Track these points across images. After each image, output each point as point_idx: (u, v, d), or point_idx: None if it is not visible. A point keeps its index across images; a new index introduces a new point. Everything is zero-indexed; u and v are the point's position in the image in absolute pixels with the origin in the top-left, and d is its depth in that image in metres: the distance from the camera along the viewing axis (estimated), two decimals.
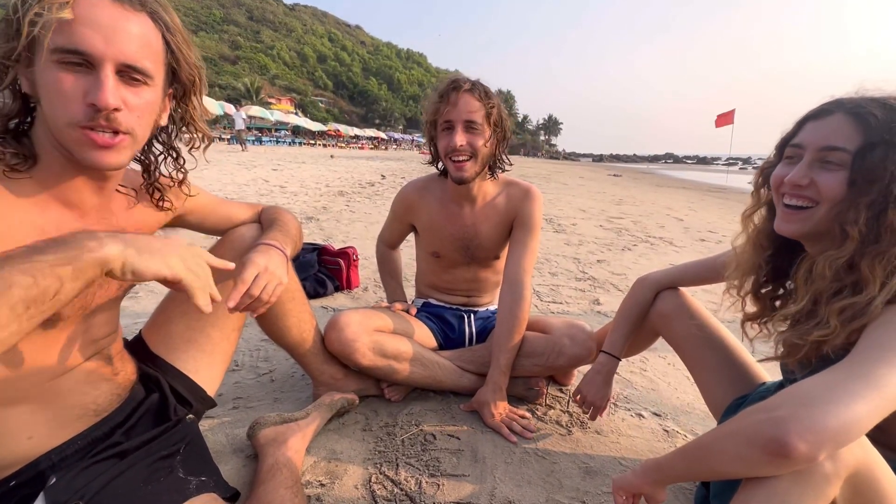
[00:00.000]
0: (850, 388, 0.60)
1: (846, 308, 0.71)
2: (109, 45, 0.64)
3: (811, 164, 0.75)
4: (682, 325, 1.15)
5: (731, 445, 0.65)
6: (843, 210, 0.72)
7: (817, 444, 0.57)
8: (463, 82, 1.29)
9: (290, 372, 1.55)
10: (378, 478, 1.08)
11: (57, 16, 0.60)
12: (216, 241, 1.09)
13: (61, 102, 0.63)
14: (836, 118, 0.74)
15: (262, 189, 6.54)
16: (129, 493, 0.74)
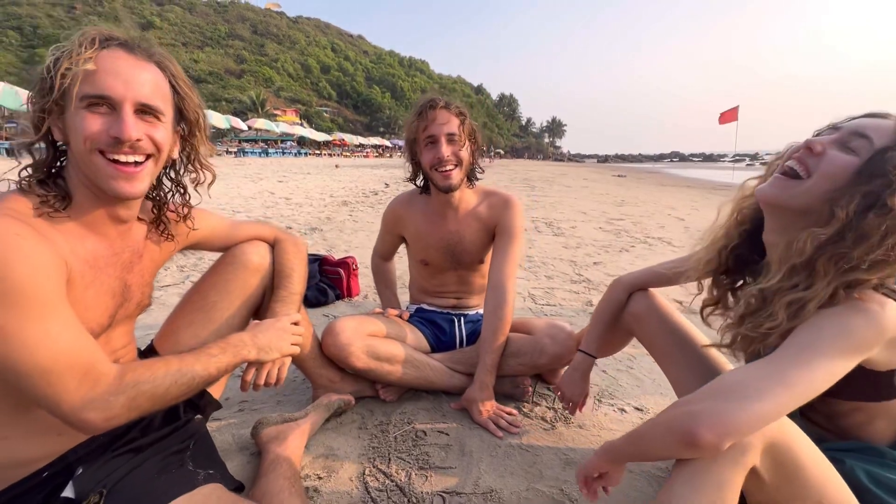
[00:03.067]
0: (761, 386, 0.68)
1: (793, 302, 0.76)
2: (128, 89, 0.77)
3: (835, 142, 0.77)
4: (652, 325, 1.22)
5: (657, 433, 0.74)
6: (840, 193, 0.75)
7: (722, 436, 0.66)
8: (438, 101, 1.41)
9: (291, 377, 1.65)
10: (371, 471, 1.18)
11: (83, 67, 0.73)
12: (220, 257, 1.19)
13: (89, 137, 0.75)
14: (886, 121, 0.77)
15: (268, 201, 6.70)
16: (145, 482, 0.84)
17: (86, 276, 0.80)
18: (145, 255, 0.95)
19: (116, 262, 0.87)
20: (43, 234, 0.73)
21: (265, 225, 1.26)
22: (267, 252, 1.20)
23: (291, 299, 1.14)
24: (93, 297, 0.82)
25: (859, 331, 0.70)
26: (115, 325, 0.91)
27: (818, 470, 0.73)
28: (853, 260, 0.71)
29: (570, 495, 1.11)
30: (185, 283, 2.71)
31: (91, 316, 0.82)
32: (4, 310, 0.65)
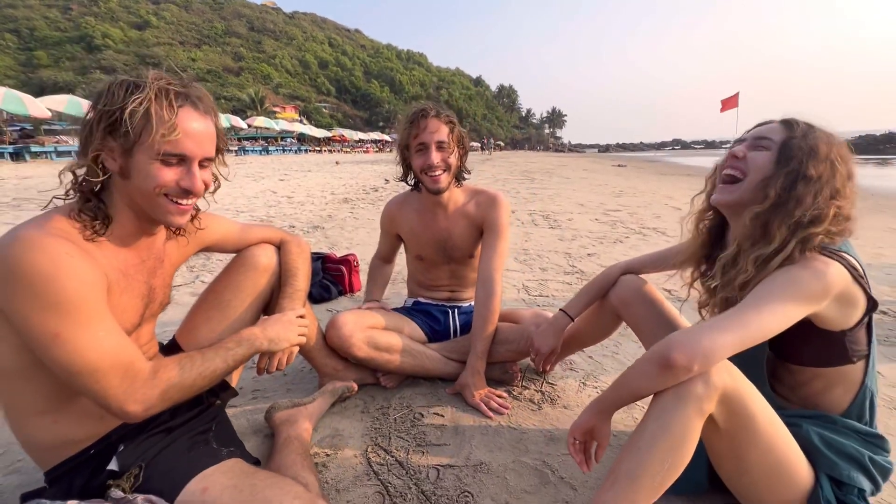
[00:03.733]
0: (722, 324, 0.82)
1: (758, 256, 0.92)
2: (198, 148, 0.90)
3: (748, 147, 0.99)
4: (638, 308, 1.34)
5: (639, 367, 0.87)
6: (769, 179, 0.94)
7: (691, 358, 0.79)
8: (429, 110, 1.52)
9: (299, 367, 1.79)
10: (373, 448, 1.31)
11: (172, 137, 0.85)
12: (232, 259, 1.31)
13: (161, 186, 0.87)
14: (773, 124, 0.99)
15: (271, 200, 6.82)
16: (176, 457, 0.97)
17: (120, 283, 0.92)
18: (166, 260, 1.07)
19: (143, 268, 0.99)
20: (86, 251, 0.85)
21: (271, 228, 1.38)
22: (274, 254, 1.32)
23: (297, 295, 1.26)
24: (127, 301, 0.95)
25: (805, 282, 0.84)
26: (143, 324, 1.04)
27: (767, 421, 0.86)
28: (796, 217, 0.89)
29: (552, 466, 1.24)
30: (196, 282, 2.84)
31: (126, 318, 0.95)
32: (60, 318, 0.77)
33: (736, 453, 0.88)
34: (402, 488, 1.15)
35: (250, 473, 0.96)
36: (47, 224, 0.83)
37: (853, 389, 0.94)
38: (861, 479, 0.90)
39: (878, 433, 0.95)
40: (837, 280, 0.84)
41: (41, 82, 58.80)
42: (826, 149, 0.91)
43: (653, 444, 0.83)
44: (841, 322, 0.89)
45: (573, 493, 1.15)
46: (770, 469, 0.88)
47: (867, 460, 0.90)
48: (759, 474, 0.89)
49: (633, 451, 0.85)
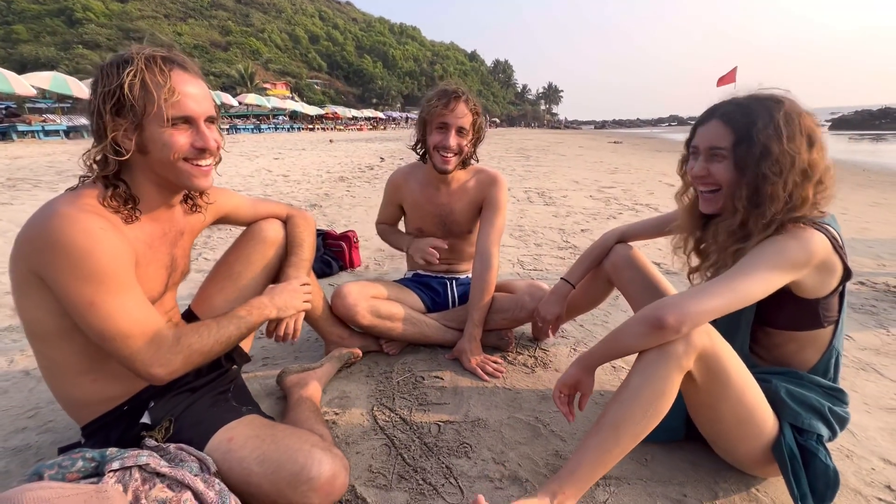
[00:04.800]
0: (711, 289, 0.90)
1: (738, 251, 0.99)
2: (200, 106, 0.95)
3: (706, 160, 1.03)
4: (628, 273, 1.43)
5: (631, 327, 0.95)
6: (734, 189, 0.99)
7: (681, 320, 0.87)
8: (462, 92, 1.59)
9: (305, 336, 1.88)
10: (379, 408, 1.41)
11: (173, 100, 0.90)
12: (241, 233, 1.38)
13: (178, 150, 0.92)
14: (713, 124, 1.01)
15: (266, 179, 6.82)
16: (202, 412, 1.07)
17: (146, 255, 0.99)
18: (186, 232, 1.14)
19: (165, 240, 1.06)
20: (117, 226, 0.91)
21: (279, 203, 1.45)
22: (281, 228, 1.39)
23: (302, 265, 1.33)
24: (153, 271, 1.02)
25: (790, 251, 0.90)
26: (167, 292, 1.12)
27: (738, 376, 0.96)
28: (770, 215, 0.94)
29: (544, 421, 1.35)
30: (199, 259, 2.91)
31: (153, 286, 1.03)
32: (95, 288, 0.84)
33: (710, 405, 0.98)
34: (407, 441, 1.26)
35: (270, 425, 1.06)
36: (79, 201, 0.89)
37: (821, 350, 1.03)
38: (820, 426, 1.00)
39: (839, 387, 1.05)
40: (820, 249, 0.90)
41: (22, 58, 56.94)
42: (779, 142, 0.91)
43: (636, 395, 0.92)
44: (817, 290, 0.96)
45: (562, 444, 1.26)
46: (739, 419, 0.98)
47: (827, 410, 1.00)
48: (729, 424, 1.00)
49: (617, 403, 0.94)
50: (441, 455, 1.20)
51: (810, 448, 0.98)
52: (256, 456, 0.95)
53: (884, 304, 2.28)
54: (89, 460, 0.89)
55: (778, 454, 0.98)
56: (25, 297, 0.89)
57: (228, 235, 3.46)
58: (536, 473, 1.15)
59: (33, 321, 0.92)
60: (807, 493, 0.96)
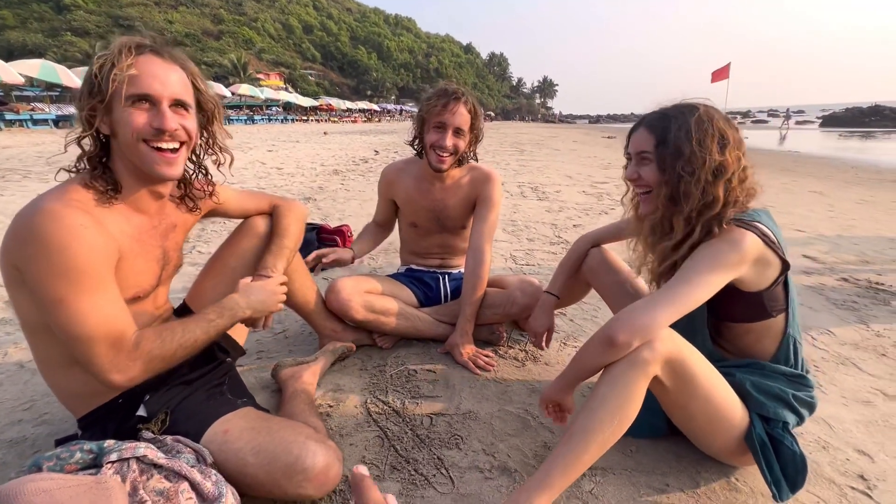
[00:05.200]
0: (657, 300, 0.95)
1: (661, 249, 1.06)
2: (164, 88, 0.94)
3: (637, 164, 1.10)
4: (605, 277, 1.48)
5: (589, 346, 1.00)
6: (659, 188, 1.05)
7: (630, 334, 0.92)
8: (461, 94, 1.60)
9: (300, 330, 1.90)
10: (372, 400, 1.44)
11: (128, 73, 0.90)
12: (235, 228, 1.39)
13: (135, 130, 0.92)
14: (641, 131, 1.09)
15: (260, 172, 6.78)
16: (197, 405, 1.09)
17: (134, 248, 1.00)
18: (178, 225, 1.15)
19: (155, 233, 1.07)
20: (100, 220, 0.91)
21: (263, 196, 1.43)
22: (270, 221, 1.39)
23: (282, 253, 1.30)
24: (142, 264, 1.03)
25: (724, 253, 0.96)
26: (160, 286, 1.13)
27: (705, 376, 1.00)
28: (687, 212, 1.01)
29: (533, 414, 1.39)
30: (192, 252, 2.91)
31: (144, 279, 1.04)
32: (65, 284, 0.84)
33: (681, 405, 1.03)
34: (400, 433, 1.29)
35: (265, 418, 1.08)
36: (65, 196, 0.90)
37: (778, 338, 1.08)
38: (786, 413, 1.05)
39: (801, 373, 1.10)
40: (752, 248, 0.96)
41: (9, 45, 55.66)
42: (689, 144, 0.99)
43: (603, 403, 0.96)
44: (758, 284, 1.01)
45: (551, 436, 1.30)
46: (710, 416, 1.03)
47: (791, 397, 1.05)
48: (702, 421, 1.05)
49: (585, 411, 0.98)
50: (433, 446, 1.23)
51: (776, 436, 1.03)
52: (252, 447, 0.98)
53: (865, 300, 2.34)
54: (87, 452, 0.90)
55: (750, 444, 1.03)
56: (16, 290, 0.90)
57: (223, 228, 3.45)
58: (525, 464, 1.18)
59: (26, 314, 0.93)
60: (780, 479, 1.01)
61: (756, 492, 1.11)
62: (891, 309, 2.23)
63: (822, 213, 4.46)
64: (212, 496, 0.87)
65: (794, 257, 3.03)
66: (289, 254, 1.34)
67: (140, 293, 1.04)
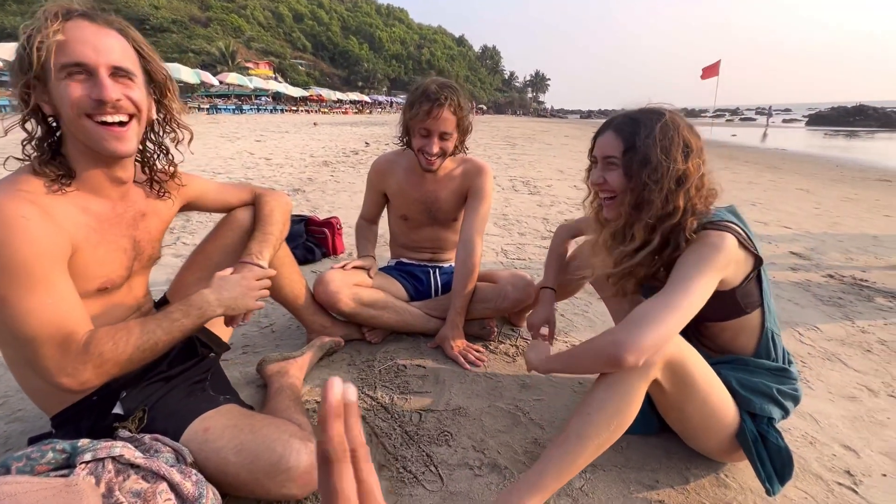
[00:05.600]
0: (659, 315, 0.91)
1: (619, 254, 1.05)
2: (99, 55, 0.85)
3: (603, 168, 1.07)
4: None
5: (588, 357, 0.98)
6: (624, 195, 1.04)
7: (638, 355, 0.89)
8: (444, 98, 1.53)
9: (288, 324, 1.86)
10: (360, 396, 1.41)
11: (54, 39, 0.81)
12: (219, 221, 1.35)
13: (74, 102, 0.83)
14: (608, 135, 1.06)
15: (248, 162, 6.66)
16: (177, 402, 1.05)
17: (91, 238, 0.93)
18: (149, 214, 1.08)
19: (121, 221, 1.00)
20: (49, 211, 0.85)
21: (246, 187, 1.38)
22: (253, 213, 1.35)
23: (266, 239, 1.22)
24: (104, 253, 0.96)
25: (711, 257, 0.95)
26: (134, 276, 1.08)
27: (703, 378, 0.99)
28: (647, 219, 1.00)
29: (524, 410, 1.37)
30: (177, 243, 2.84)
31: (109, 269, 0.97)
32: (6, 281, 0.78)
33: (677, 407, 1.02)
34: (388, 429, 1.27)
35: (248, 415, 1.04)
36: (13, 187, 0.84)
37: (756, 333, 1.08)
38: (772, 408, 1.04)
39: (784, 366, 1.10)
40: (732, 248, 0.96)
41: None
42: (656, 152, 0.97)
43: (601, 408, 0.94)
44: (731, 282, 1.01)
45: (541, 432, 1.28)
46: (705, 417, 1.02)
47: (775, 391, 1.05)
48: (696, 422, 1.04)
49: (583, 415, 0.96)
50: (422, 443, 1.21)
51: (762, 431, 1.03)
52: (234, 446, 0.94)
53: (850, 296, 2.37)
54: (60, 452, 0.86)
55: (743, 441, 1.03)
56: None
57: (208, 219, 3.37)
58: (515, 461, 1.17)
59: None
60: (772, 474, 1.01)
61: (745, 488, 1.11)
62: (875, 305, 2.26)
63: (808, 211, 4.52)
64: (191, 497, 0.84)
65: (781, 254, 3.07)
66: (274, 241, 1.27)
67: (108, 284, 0.98)
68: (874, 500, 1.09)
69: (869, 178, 7.27)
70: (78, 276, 0.90)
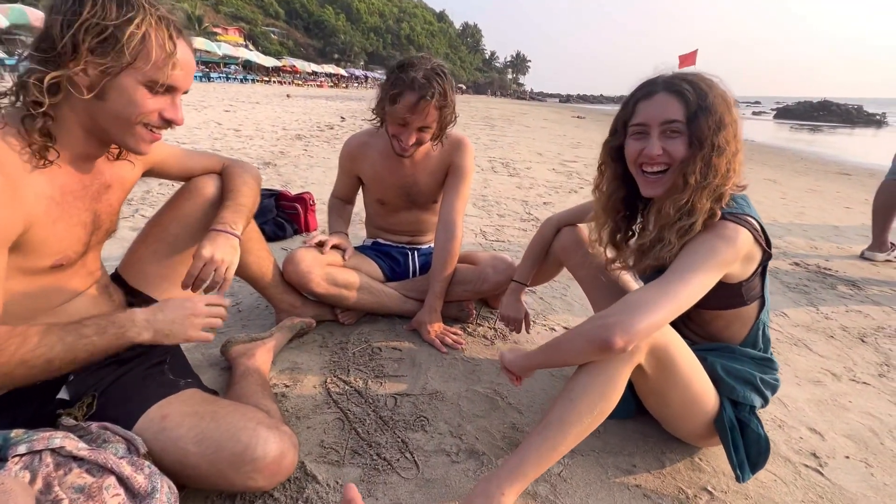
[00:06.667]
0: (655, 301, 0.87)
1: (681, 228, 0.96)
2: (186, 80, 0.90)
3: (659, 137, 0.97)
4: (577, 255, 1.42)
5: (576, 343, 0.92)
6: (686, 164, 0.95)
7: (629, 340, 0.85)
8: (432, 95, 1.37)
9: (255, 304, 1.77)
10: (332, 380, 1.35)
11: (171, 73, 0.83)
12: (177, 189, 1.24)
13: (141, 112, 0.84)
14: (661, 97, 0.96)
15: (216, 133, 6.32)
16: (131, 387, 0.96)
17: (52, 212, 0.84)
18: (114, 185, 0.99)
19: (85, 194, 0.91)
20: (15, 182, 0.76)
21: (213, 156, 1.28)
22: (219, 182, 1.23)
23: (240, 210, 1.15)
24: (63, 229, 0.87)
25: (721, 252, 0.91)
26: (88, 252, 0.98)
27: (687, 365, 0.97)
28: (714, 186, 0.93)
29: (502, 394, 1.35)
30: (135, 216, 2.65)
31: (66, 245, 0.89)
32: None
33: (659, 392, 1.00)
34: (361, 414, 1.21)
35: (211, 401, 0.97)
36: None
37: (748, 324, 1.08)
38: (754, 396, 1.05)
39: (769, 357, 1.10)
40: (745, 244, 0.92)
41: None
42: (723, 112, 0.92)
43: (584, 394, 0.91)
44: (740, 276, 0.99)
45: (520, 416, 1.26)
46: (686, 403, 1.01)
47: (758, 380, 1.05)
48: (677, 407, 1.03)
49: (565, 400, 0.92)
50: (397, 429, 1.17)
51: (743, 419, 1.03)
52: (194, 435, 0.87)
53: (815, 283, 2.45)
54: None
55: (720, 428, 1.03)
56: None
57: (170, 191, 3.17)
58: (494, 447, 1.14)
59: None
60: (744, 460, 1.01)
61: (718, 471, 1.12)
62: (837, 293, 2.35)
63: (775, 200, 4.66)
64: (143, 491, 0.76)
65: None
66: (248, 213, 1.20)
67: (63, 261, 0.90)
68: (839, 481, 1.12)
69: (830, 171, 7.57)
70: (31, 253, 0.83)
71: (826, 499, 1.07)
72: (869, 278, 2.58)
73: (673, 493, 1.04)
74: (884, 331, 1.96)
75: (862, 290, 2.41)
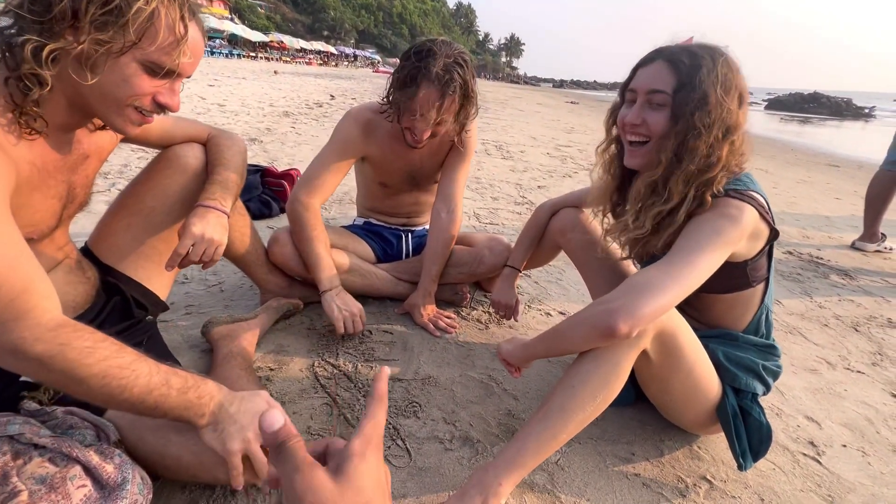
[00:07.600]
0: (660, 283, 0.83)
1: (657, 213, 0.93)
2: (192, 66, 0.81)
3: (642, 106, 0.93)
4: (575, 237, 1.37)
5: (579, 330, 0.87)
6: (663, 140, 0.91)
7: (634, 325, 0.80)
8: (454, 90, 1.25)
9: (239, 283, 1.69)
10: (320, 363, 1.29)
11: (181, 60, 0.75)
12: (154, 157, 1.14)
13: (135, 94, 0.75)
14: (657, 65, 0.92)
15: (199, 107, 6.10)
16: None
17: (33, 180, 0.77)
18: (92, 156, 0.90)
19: (63, 166, 0.83)
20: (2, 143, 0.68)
21: (199, 124, 1.19)
22: (202, 153, 1.15)
23: (228, 186, 1.08)
24: (40, 200, 0.80)
25: (726, 231, 0.87)
26: (59, 226, 0.90)
27: (691, 350, 0.93)
28: (690, 170, 0.89)
29: (497, 379, 1.30)
30: (111, 190, 2.53)
31: (40, 218, 0.82)
32: None
33: (662, 379, 0.97)
34: (350, 399, 1.16)
35: None
36: None
37: (753, 308, 1.04)
38: (756, 384, 1.02)
39: (771, 343, 1.07)
40: (750, 222, 0.88)
41: None
42: (715, 92, 0.87)
43: (586, 381, 0.87)
44: (746, 254, 0.95)
45: (515, 403, 1.22)
46: (689, 391, 0.98)
47: (760, 368, 1.02)
48: (679, 395, 0.99)
49: (566, 387, 0.88)
50: (388, 415, 1.12)
51: (745, 407, 1.01)
52: (176, 423, 0.80)
53: (808, 272, 2.45)
54: None
55: (722, 416, 1.00)
56: None
57: None
58: (488, 434, 1.10)
59: None
60: (746, 449, 0.99)
61: (717, 460, 1.09)
62: (830, 282, 2.35)
63: (767, 190, 4.57)
64: (112, 482, 0.70)
65: None
66: (236, 190, 1.12)
67: (34, 234, 0.82)
68: (836, 470, 1.11)
69: (820, 162, 7.62)
70: None
71: (824, 487, 1.05)
72: (860, 268, 2.59)
73: (672, 482, 1.02)
74: (876, 320, 1.96)
75: (854, 279, 2.42)
